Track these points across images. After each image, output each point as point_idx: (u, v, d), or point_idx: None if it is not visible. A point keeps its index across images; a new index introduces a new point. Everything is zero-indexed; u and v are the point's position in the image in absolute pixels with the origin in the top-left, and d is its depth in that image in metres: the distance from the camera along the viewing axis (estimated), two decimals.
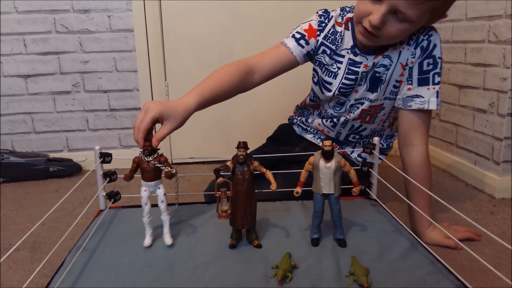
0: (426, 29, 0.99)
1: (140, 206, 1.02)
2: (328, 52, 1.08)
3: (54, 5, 1.68)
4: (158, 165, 0.79)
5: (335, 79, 1.09)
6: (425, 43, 0.99)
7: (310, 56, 1.12)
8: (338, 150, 1.19)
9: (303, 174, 0.80)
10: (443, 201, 0.79)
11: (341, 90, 1.09)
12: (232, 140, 1.86)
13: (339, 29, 1.07)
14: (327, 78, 1.10)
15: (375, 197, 1.02)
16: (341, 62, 1.08)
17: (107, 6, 1.71)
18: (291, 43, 1.09)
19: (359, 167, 1.01)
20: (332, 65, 1.09)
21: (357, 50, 1.05)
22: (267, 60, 1.08)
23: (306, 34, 1.08)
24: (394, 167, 0.97)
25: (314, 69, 1.15)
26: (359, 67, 1.06)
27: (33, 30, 1.70)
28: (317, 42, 1.09)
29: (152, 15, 1.73)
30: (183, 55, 1.80)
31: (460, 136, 1.62)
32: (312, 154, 0.79)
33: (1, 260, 0.58)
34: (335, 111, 1.16)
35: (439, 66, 0.99)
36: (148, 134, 0.82)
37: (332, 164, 0.77)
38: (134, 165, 0.80)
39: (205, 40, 1.79)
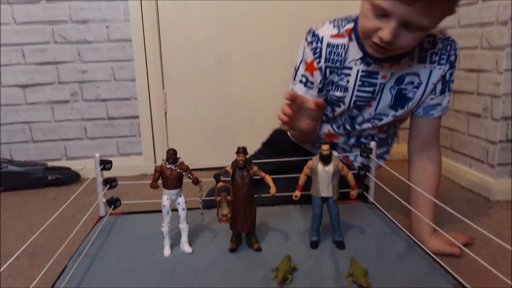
0: (452, 44, 1.00)
1: (141, 212, 1.04)
2: (335, 70, 1.03)
3: (53, 16, 1.70)
4: (181, 171, 0.79)
5: (347, 92, 1.03)
6: (453, 58, 1.00)
7: (324, 85, 1.06)
8: (340, 157, 1.19)
9: (302, 178, 0.81)
10: (446, 207, 0.80)
11: (357, 103, 1.04)
12: (230, 147, 1.86)
13: (339, 41, 1.00)
14: (338, 94, 1.04)
15: (372, 200, 1.04)
16: (349, 75, 1.02)
17: (105, 17, 1.73)
18: (300, 89, 1.06)
19: (357, 172, 1.02)
20: (342, 79, 1.03)
21: (369, 59, 0.99)
22: None
23: (308, 73, 1.04)
24: (391, 170, 0.98)
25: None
26: (376, 78, 1.00)
27: (31, 40, 1.71)
28: (321, 69, 1.03)
29: (149, 24, 1.75)
30: (180, 64, 1.82)
31: (455, 140, 1.64)
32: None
33: (2, 269, 0.59)
34: (348, 122, 1.11)
35: (454, 74, 1.02)
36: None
37: (330, 167, 0.78)
38: (157, 174, 0.79)
39: (202, 48, 1.81)
